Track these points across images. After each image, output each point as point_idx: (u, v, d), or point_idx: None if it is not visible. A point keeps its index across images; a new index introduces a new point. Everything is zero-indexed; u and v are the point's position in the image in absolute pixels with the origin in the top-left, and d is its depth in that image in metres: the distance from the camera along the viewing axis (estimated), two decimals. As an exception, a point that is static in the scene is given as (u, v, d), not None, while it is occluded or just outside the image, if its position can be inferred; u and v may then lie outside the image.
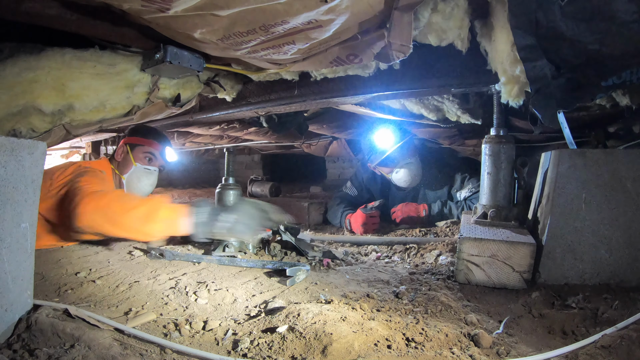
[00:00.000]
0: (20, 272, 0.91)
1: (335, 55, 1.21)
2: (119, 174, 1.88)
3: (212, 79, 1.68)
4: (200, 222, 1.30)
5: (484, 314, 1.04)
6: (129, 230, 1.33)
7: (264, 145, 3.96)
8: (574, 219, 1.20)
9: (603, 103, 1.29)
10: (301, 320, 0.89)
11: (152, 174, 1.93)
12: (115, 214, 1.30)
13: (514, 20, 0.96)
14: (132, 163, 1.87)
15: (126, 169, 1.88)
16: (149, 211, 1.31)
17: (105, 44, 1.29)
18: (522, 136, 2.00)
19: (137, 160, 1.88)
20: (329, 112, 2.48)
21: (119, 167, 1.89)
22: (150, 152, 1.92)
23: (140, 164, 1.89)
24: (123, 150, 1.90)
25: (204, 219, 1.30)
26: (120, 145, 1.91)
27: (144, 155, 1.91)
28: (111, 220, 1.31)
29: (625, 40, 0.91)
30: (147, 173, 1.91)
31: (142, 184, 1.92)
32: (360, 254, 1.70)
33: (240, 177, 4.13)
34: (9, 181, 0.87)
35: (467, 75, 1.33)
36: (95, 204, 1.31)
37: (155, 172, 1.95)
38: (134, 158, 1.88)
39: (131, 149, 1.90)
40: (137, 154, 1.90)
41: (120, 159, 1.90)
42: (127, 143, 1.90)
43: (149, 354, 0.83)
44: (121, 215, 1.30)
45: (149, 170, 1.92)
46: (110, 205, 1.31)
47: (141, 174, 1.90)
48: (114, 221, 1.31)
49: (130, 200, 1.36)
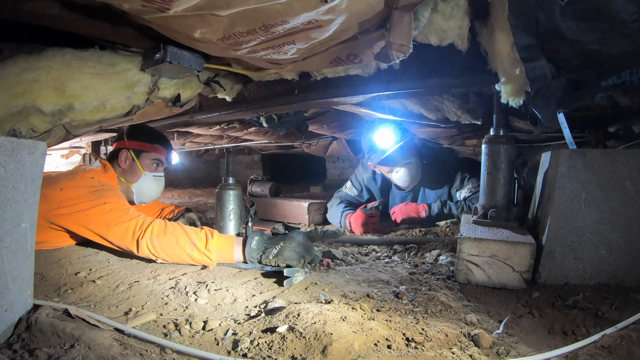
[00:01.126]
0: (20, 272, 0.91)
1: (335, 55, 1.21)
2: (127, 182, 1.81)
3: (212, 79, 1.68)
4: (252, 249, 1.35)
5: (484, 314, 1.04)
6: (186, 261, 1.41)
7: (264, 145, 3.96)
8: (574, 219, 1.20)
9: (603, 103, 1.28)
10: (301, 320, 0.89)
11: (160, 180, 1.90)
12: (171, 250, 1.38)
13: (514, 20, 0.96)
14: (140, 171, 1.81)
15: (135, 178, 1.82)
16: (201, 245, 1.38)
17: (105, 44, 1.29)
18: (522, 136, 2.00)
19: (145, 167, 1.82)
20: (329, 112, 2.48)
21: (125, 175, 1.81)
22: (158, 158, 1.86)
23: (149, 172, 1.83)
24: (127, 156, 1.81)
25: (255, 246, 1.36)
26: (123, 152, 1.81)
27: (151, 162, 1.84)
28: (168, 255, 1.39)
29: (625, 40, 0.91)
30: (157, 180, 1.88)
31: (152, 192, 1.89)
32: (360, 254, 1.70)
33: (240, 177, 4.12)
34: (9, 181, 0.87)
35: (467, 75, 1.33)
36: (150, 238, 1.39)
37: (163, 177, 1.92)
38: (142, 166, 1.82)
39: (136, 155, 1.82)
40: (144, 162, 1.83)
41: (126, 166, 1.81)
42: (130, 149, 1.82)
43: (149, 354, 0.83)
44: (176, 250, 1.38)
45: (158, 177, 1.88)
46: (164, 242, 1.39)
47: (151, 182, 1.85)
48: (171, 256, 1.39)
49: (181, 234, 1.40)
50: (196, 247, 1.37)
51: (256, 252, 1.35)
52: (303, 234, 1.40)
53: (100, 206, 1.44)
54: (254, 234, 1.39)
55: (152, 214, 2.11)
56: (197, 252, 1.37)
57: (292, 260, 1.30)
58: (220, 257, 1.39)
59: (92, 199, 1.46)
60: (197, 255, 1.37)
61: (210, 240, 1.38)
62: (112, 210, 1.44)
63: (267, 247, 1.35)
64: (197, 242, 1.38)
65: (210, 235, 1.40)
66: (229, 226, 1.57)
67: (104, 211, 1.43)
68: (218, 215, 1.59)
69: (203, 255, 1.37)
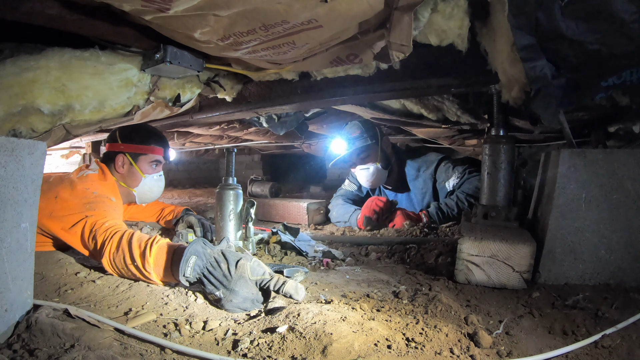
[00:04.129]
0: (20, 272, 0.91)
1: (335, 56, 1.21)
2: (128, 187, 1.79)
3: (212, 79, 1.68)
4: (187, 276, 1.10)
5: (484, 314, 1.04)
6: (139, 279, 1.24)
7: (264, 145, 3.96)
8: (574, 219, 1.20)
9: (603, 103, 1.28)
10: (301, 320, 0.89)
11: (161, 179, 1.89)
12: (123, 269, 1.23)
13: (514, 20, 0.96)
14: (140, 175, 1.78)
15: (135, 182, 1.79)
16: (139, 262, 1.18)
17: (105, 44, 1.29)
18: (522, 136, 2.00)
19: (144, 171, 1.79)
20: (329, 112, 2.48)
21: (125, 180, 1.78)
22: (156, 159, 1.83)
23: (149, 175, 1.81)
24: (124, 161, 1.76)
25: (189, 274, 1.09)
26: (120, 157, 1.76)
27: (149, 165, 1.81)
28: (126, 274, 1.25)
29: (625, 40, 0.91)
30: (158, 180, 1.86)
31: (154, 194, 1.88)
32: (360, 254, 1.70)
33: (240, 177, 4.12)
34: (9, 181, 0.87)
35: (467, 75, 1.33)
36: (109, 256, 1.24)
37: (163, 176, 1.90)
38: (141, 169, 1.78)
39: (133, 159, 1.77)
40: (143, 165, 1.79)
41: (124, 171, 1.77)
42: (126, 152, 1.77)
43: (149, 354, 0.83)
44: (125, 270, 1.23)
45: (158, 177, 1.86)
46: (117, 260, 1.23)
47: (152, 184, 1.83)
48: (129, 275, 1.25)
49: (125, 250, 1.22)
50: (136, 265, 1.18)
51: (192, 279, 1.09)
52: (252, 282, 1.08)
53: (82, 220, 1.37)
54: (192, 252, 1.09)
55: (153, 214, 2.11)
56: (139, 272, 1.19)
57: (234, 313, 1.05)
58: (159, 275, 1.18)
59: (82, 211, 1.40)
60: (140, 275, 1.20)
61: (147, 256, 1.17)
62: (88, 223, 1.35)
63: (208, 279, 1.07)
64: (137, 259, 1.18)
65: (149, 250, 1.17)
66: (229, 226, 1.57)
67: (81, 224, 1.36)
68: (218, 215, 1.59)
69: (143, 277, 1.20)
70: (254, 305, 1.07)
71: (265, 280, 1.08)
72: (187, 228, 1.88)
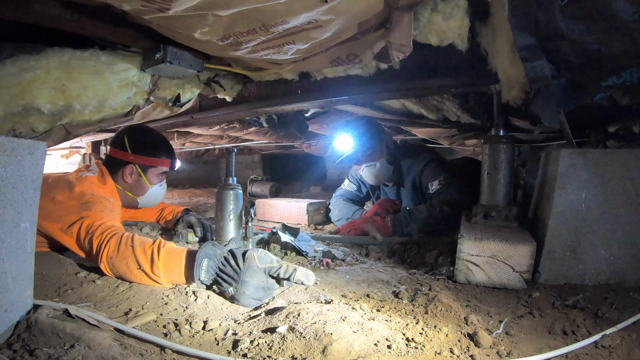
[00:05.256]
0: (20, 272, 0.91)
1: (335, 55, 1.21)
2: (133, 196, 1.78)
3: (212, 79, 1.68)
4: (203, 280, 1.15)
5: (484, 314, 1.04)
6: (144, 282, 1.25)
7: (264, 145, 3.96)
8: (574, 219, 1.20)
9: (603, 103, 1.28)
10: (301, 320, 0.89)
11: (164, 185, 1.90)
12: (124, 273, 1.23)
13: (514, 20, 0.96)
14: (147, 185, 1.79)
15: (141, 192, 1.80)
16: (147, 267, 1.20)
17: (105, 44, 1.29)
18: (522, 136, 2.00)
19: (152, 182, 1.80)
20: (329, 112, 2.49)
21: (132, 189, 1.77)
22: (164, 171, 1.83)
23: (155, 185, 1.82)
24: (132, 171, 1.73)
25: (204, 277, 1.14)
26: (129, 167, 1.72)
27: (157, 176, 1.81)
28: (126, 277, 1.25)
29: (625, 40, 0.91)
30: (161, 187, 1.87)
31: (157, 200, 1.90)
32: (360, 254, 1.70)
33: (240, 177, 4.12)
34: (9, 181, 0.87)
35: (467, 75, 1.33)
36: (106, 260, 1.24)
37: (165, 183, 1.91)
38: (149, 181, 1.79)
39: (143, 170, 1.76)
40: (151, 177, 1.79)
41: (131, 181, 1.74)
42: (136, 164, 1.74)
43: (149, 354, 0.83)
44: (127, 274, 1.23)
45: (162, 185, 1.88)
46: (117, 264, 1.23)
47: (157, 193, 1.85)
48: (129, 278, 1.24)
49: (129, 254, 1.22)
50: (143, 270, 1.19)
51: (208, 281, 1.14)
52: (261, 270, 1.12)
53: (79, 220, 1.36)
54: (203, 255, 1.14)
55: (153, 214, 2.11)
56: (146, 277, 1.20)
57: (250, 307, 1.09)
58: (170, 279, 1.21)
59: (79, 211, 1.40)
60: (146, 279, 1.21)
61: (156, 261, 1.19)
62: (84, 225, 1.34)
63: (222, 278, 1.12)
64: (143, 264, 1.19)
65: (157, 255, 1.19)
66: (229, 226, 1.57)
67: (77, 225, 1.35)
68: (218, 215, 1.58)
69: (151, 280, 1.21)
70: (267, 294, 1.10)
71: (274, 267, 1.12)
72: (187, 228, 1.88)
